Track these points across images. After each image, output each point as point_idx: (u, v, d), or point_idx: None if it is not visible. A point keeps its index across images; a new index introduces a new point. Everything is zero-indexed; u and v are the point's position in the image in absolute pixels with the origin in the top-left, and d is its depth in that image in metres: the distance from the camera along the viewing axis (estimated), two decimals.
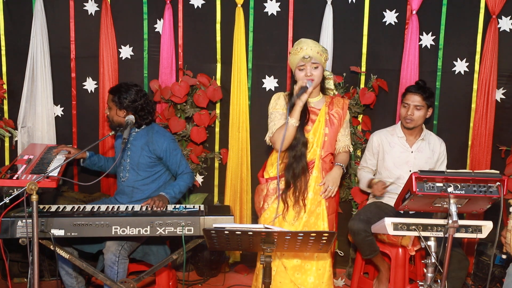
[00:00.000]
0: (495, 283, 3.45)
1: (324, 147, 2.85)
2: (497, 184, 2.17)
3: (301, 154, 2.78)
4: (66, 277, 2.98)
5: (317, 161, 2.84)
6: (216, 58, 3.65)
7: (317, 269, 2.82)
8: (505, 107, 3.56)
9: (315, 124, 2.85)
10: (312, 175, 2.84)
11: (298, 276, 2.81)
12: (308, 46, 2.77)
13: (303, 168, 2.79)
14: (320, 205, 2.83)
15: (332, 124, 2.88)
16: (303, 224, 2.81)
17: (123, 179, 3.11)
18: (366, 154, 3.34)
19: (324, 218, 2.83)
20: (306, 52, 2.75)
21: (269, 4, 3.56)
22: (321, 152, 2.84)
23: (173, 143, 3.11)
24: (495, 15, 3.42)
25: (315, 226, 2.83)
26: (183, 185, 3.07)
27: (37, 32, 3.53)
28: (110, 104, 3.06)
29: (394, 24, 3.54)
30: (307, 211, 2.81)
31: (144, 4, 3.61)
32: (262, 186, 2.93)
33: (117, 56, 3.63)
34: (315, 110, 2.87)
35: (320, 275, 2.81)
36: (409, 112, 3.11)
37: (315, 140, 2.84)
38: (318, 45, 2.80)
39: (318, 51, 2.77)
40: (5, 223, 2.53)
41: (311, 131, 2.84)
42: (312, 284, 2.80)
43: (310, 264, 2.82)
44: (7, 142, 3.70)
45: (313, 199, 2.82)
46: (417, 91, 3.10)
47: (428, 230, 2.36)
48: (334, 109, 2.90)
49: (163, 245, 3.05)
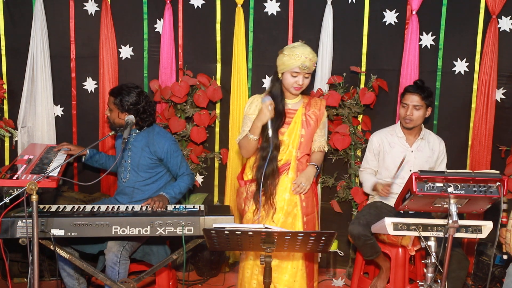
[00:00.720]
0: (495, 283, 3.45)
1: (300, 148, 2.88)
2: (497, 184, 2.17)
3: (272, 156, 2.78)
4: (67, 278, 2.98)
5: (293, 162, 2.87)
6: (216, 58, 3.65)
7: (292, 268, 2.86)
8: (505, 107, 3.56)
9: (290, 125, 2.86)
10: (288, 176, 2.87)
11: (275, 275, 2.85)
12: (308, 56, 2.74)
13: (273, 170, 2.80)
14: (296, 206, 2.86)
15: (308, 125, 2.89)
16: (280, 224, 2.84)
17: (124, 180, 3.11)
18: (367, 154, 3.34)
19: (299, 218, 2.86)
20: (305, 62, 2.73)
21: (269, 4, 3.56)
22: (297, 153, 2.87)
23: (174, 145, 3.11)
24: (495, 15, 3.42)
25: (292, 226, 2.87)
26: (183, 186, 3.07)
27: (37, 32, 3.53)
28: (111, 106, 3.05)
29: (394, 24, 3.54)
30: (284, 212, 2.84)
31: (144, 4, 3.61)
32: (241, 189, 2.97)
33: (117, 56, 3.63)
34: (292, 111, 2.89)
35: (293, 273, 2.86)
36: (408, 112, 3.11)
37: (290, 141, 2.86)
38: (314, 55, 2.80)
39: (314, 62, 2.78)
40: (5, 223, 2.53)
41: (286, 132, 2.86)
42: (287, 281, 2.86)
43: (286, 263, 2.87)
44: (7, 142, 3.70)
45: (290, 199, 2.85)
46: (416, 91, 3.10)
47: (428, 230, 2.36)
48: (311, 110, 2.91)
49: (163, 245, 3.05)
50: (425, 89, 3.12)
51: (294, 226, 2.86)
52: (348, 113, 3.54)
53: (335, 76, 3.51)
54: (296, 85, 2.79)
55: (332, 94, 3.46)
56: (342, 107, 3.54)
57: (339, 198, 3.66)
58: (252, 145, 2.81)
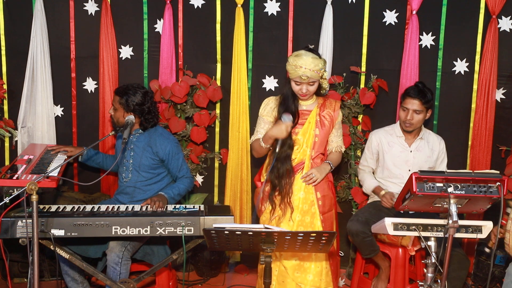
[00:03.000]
0: (495, 283, 3.45)
1: (315, 147, 2.92)
2: (497, 184, 2.17)
3: (286, 156, 2.86)
4: (71, 283, 2.97)
5: (307, 161, 2.91)
6: (216, 58, 3.65)
7: (316, 267, 2.88)
8: (505, 107, 3.56)
9: (304, 126, 2.91)
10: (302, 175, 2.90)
11: (298, 275, 2.88)
12: (307, 66, 2.76)
13: (288, 170, 2.86)
14: (313, 205, 2.89)
15: (323, 126, 2.92)
16: (297, 223, 2.87)
17: (125, 180, 3.11)
18: (366, 153, 3.34)
19: (317, 216, 2.89)
20: (304, 72, 2.77)
21: (269, 4, 3.56)
22: (311, 153, 2.91)
23: (176, 147, 3.12)
24: (495, 15, 3.42)
25: (311, 225, 2.89)
26: (183, 188, 3.08)
27: (37, 32, 3.53)
28: (116, 106, 3.04)
29: (394, 24, 3.54)
30: (299, 210, 2.87)
31: (144, 4, 3.61)
32: (259, 190, 3.01)
33: (117, 56, 3.63)
34: (306, 112, 2.94)
35: (318, 272, 2.88)
36: (408, 116, 3.09)
37: (304, 141, 2.91)
38: (316, 63, 2.77)
39: (316, 70, 2.78)
40: (5, 223, 2.53)
41: (300, 132, 2.90)
42: (312, 281, 2.88)
43: (308, 263, 2.89)
44: (7, 142, 3.70)
45: (305, 198, 2.89)
46: (417, 96, 3.05)
47: (428, 230, 2.36)
48: (326, 111, 2.95)
49: (163, 245, 3.05)
50: (426, 94, 3.06)
51: (314, 225, 2.89)
52: (348, 113, 3.55)
53: (335, 76, 3.51)
54: (301, 93, 2.85)
55: (332, 94, 3.46)
56: (342, 107, 3.53)
57: (339, 198, 3.65)
58: (263, 151, 2.91)
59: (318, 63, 2.78)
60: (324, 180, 2.93)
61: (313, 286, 2.87)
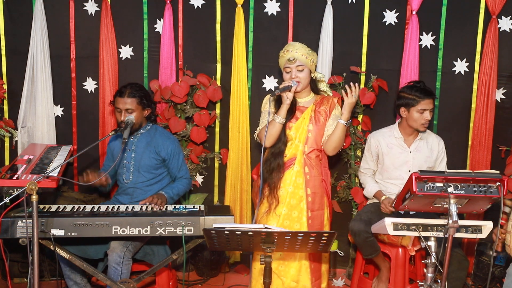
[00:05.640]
0: (495, 283, 3.45)
1: (308, 143, 2.92)
2: (497, 184, 2.17)
3: (279, 151, 2.89)
4: (74, 287, 2.97)
5: (299, 156, 2.91)
6: (216, 58, 3.65)
7: (298, 263, 2.93)
8: (505, 107, 3.56)
9: (298, 121, 2.92)
10: (293, 170, 2.91)
11: (282, 269, 2.93)
12: (294, 48, 2.85)
13: (278, 164, 2.89)
14: (302, 200, 2.90)
15: (317, 121, 2.93)
16: (283, 217, 2.89)
17: (126, 181, 3.11)
18: (366, 155, 3.33)
19: (303, 212, 2.90)
20: (292, 54, 2.83)
21: (269, 4, 3.56)
22: (304, 148, 2.91)
23: (178, 146, 3.15)
24: (495, 15, 3.42)
25: (298, 220, 2.91)
26: (182, 189, 3.10)
27: (37, 32, 3.53)
28: (134, 107, 3.00)
29: (394, 24, 3.54)
30: (286, 204, 2.89)
31: (144, 4, 3.61)
32: (254, 183, 3.08)
33: (117, 56, 3.63)
34: (303, 108, 2.95)
35: (298, 268, 2.93)
36: (428, 116, 3.06)
37: (297, 136, 2.91)
38: (304, 48, 2.88)
39: (303, 54, 2.84)
40: (5, 223, 2.53)
41: (294, 126, 2.92)
42: (293, 276, 2.92)
43: (293, 257, 2.93)
44: (7, 142, 3.70)
45: (293, 192, 2.90)
46: (430, 96, 3.06)
47: (428, 230, 2.36)
48: (322, 107, 2.95)
49: (163, 245, 3.05)
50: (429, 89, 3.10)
51: (300, 221, 2.90)
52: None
53: (335, 76, 3.51)
54: (289, 78, 2.85)
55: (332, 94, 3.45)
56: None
57: (339, 198, 3.66)
58: (276, 129, 2.82)
59: (306, 48, 2.87)
60: (316, 176, 2.93)
61: (293, 280, 2.92)
